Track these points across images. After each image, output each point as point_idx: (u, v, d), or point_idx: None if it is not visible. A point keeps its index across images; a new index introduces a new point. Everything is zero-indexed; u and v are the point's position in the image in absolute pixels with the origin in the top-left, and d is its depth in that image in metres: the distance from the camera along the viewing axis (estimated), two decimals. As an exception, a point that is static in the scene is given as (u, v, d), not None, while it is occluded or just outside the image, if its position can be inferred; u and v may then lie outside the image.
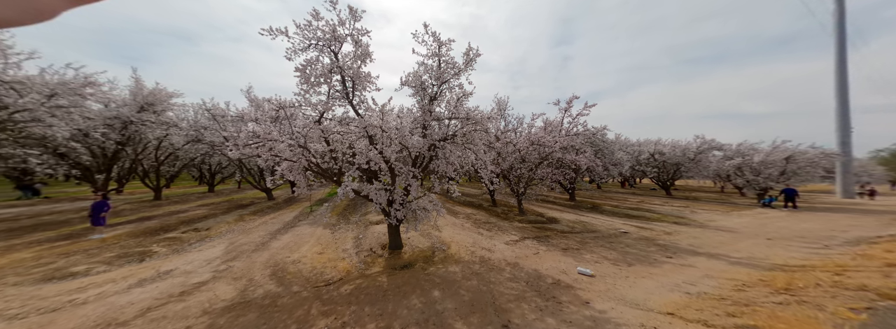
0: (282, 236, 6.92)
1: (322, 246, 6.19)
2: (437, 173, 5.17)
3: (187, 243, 6.26)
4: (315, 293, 3.75)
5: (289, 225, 8.28)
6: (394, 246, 5.72)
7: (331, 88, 4.12)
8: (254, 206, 11.90)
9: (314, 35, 3.70)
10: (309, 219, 9.30)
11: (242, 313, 3.16)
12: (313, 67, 3.83)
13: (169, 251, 5.67)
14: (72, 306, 3.34)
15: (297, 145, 4.16)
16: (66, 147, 8.47)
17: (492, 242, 6.40)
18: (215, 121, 11.69)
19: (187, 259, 5.14)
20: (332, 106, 4.24)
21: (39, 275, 4.37)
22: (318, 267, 4.82)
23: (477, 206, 12.49)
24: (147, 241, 6.28)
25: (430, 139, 4.78)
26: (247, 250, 5.70)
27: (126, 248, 5.81)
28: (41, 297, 3.55)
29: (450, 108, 4.72)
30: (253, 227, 7.96)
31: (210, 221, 8.63)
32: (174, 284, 3.96)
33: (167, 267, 4.67)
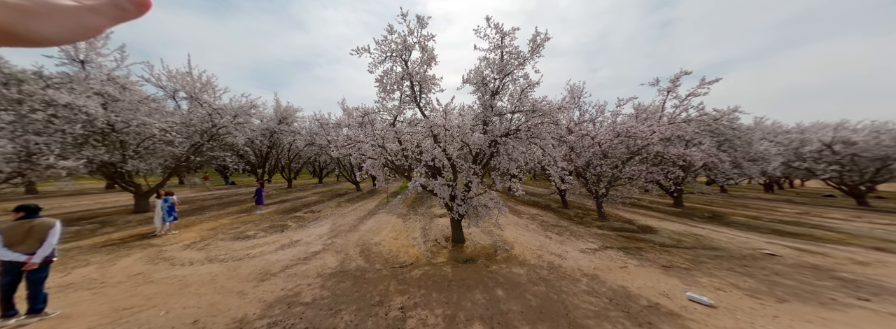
0: (367, 221, 8.27)
1: (396, 232, 7.06)
2: (499, 170, 5.02)
3: (307, 221, 8.31)
4: (392, 273, 4.33)
5: (371, 212, 9.81)
6: (456, 239, 5.95)
7: (402, 94, 4.60)
8: (348, 195, 14.65)
9: (389, 47, 4.20)
10: (385, 208, 10.75)
11: (342, 280, 3.99)
12: (388, 77, 4.36)
13: (296, 226, 7.68)
14: (248, 258, 5.01)
15: (377, 145, 4.86)
16: (243, 150, 12.63)
17: (563, 248, 5.79)
18: (322, 128, 14.99)
19: (307, 233, 6.84)
20: (403, 109, 4.73)
21: (232, 235, 6.73)
22: (394, 250, 5.53)
23: (544, 207, 11.50)
24: (284, 218, 8.68)
25: (491, 135, 4.68)
26: (343, 230, 7.11)
27: (273, 221, 8.22)
28: (231, 250, 5.48)
29: (513, 101, 4.49)
30: (347, 212, 9.84)
31: (320, 206, 11.17)
32: (300, 251, 5.36)
33: (296, 237, 6.36)
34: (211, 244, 5.77)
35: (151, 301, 3.26)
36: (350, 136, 5.19)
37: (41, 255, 2.69)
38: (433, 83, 4.55)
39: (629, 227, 7.65)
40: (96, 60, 7.22)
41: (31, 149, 5.85)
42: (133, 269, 4.31)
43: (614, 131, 7.32)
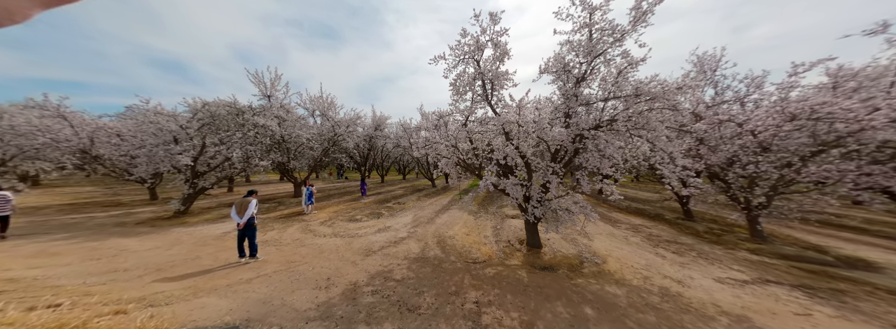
0: (441, 216, 8.85)
1: (468, 229, 7.21)
2: (586, 169, 4.26)
3: (395, 211, 9.69)
4: (466, 267, 4.45)
5: (445, 208, 10.42)
6: (532, 243, 5.49)
7: (474, 94, 4.61)
8: (425, 191, 16.16)
9: (462, 51, 4.29)
10: (457, 205, 11.17)
11: (423, 266, 4.42)
12: (461, 79, 4.47)
13: (388, 214, 9.08)
14: (357, 237, 6.31)
15: (450, 145, 5.09)
16: (352, 152, 16.03)
17: (685, 272, 4.35)
18: (405, 132, 17.18)
19: (396, 221, 7.97)
20: (474, 109, 4.74)
21: (347, 217, 8.63)
22: (467, 246, 5.67)
23: (652, 217, 9.03)
24: (379, 207, 10.44)
25: (576, 129, 4.01)
26: (423, 222, 7.87)
27: (372, 209, 10.02)
28: (347, 229, 7.02)
29: (606, 86, 3.68)
30: (425, 206, 10.84)
31: (404, 199, 12.80)
32: (390, 236, 6.30)
33: (388, 224, 7.52)
34: (335, 223, 7.61)
35: (304, 259, 4.61)
36: (428, 138, 5.66)
37: (242, 220, 4.28)
38: (505, 79, 4.31)
39: (818, 257, 4.93)
40: (275, 94, 10.87)
41: (248, 154, 9.44)
42: (294, 236, 6.22)
43: (786, 113, 4.85)
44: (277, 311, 2.82)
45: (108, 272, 3.77)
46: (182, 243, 5.37)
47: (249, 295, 3.16)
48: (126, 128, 9.20)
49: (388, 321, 2.73)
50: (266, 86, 10.35)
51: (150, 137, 8.52)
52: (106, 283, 3.35)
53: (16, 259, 4.19)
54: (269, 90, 10.40)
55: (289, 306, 2.98)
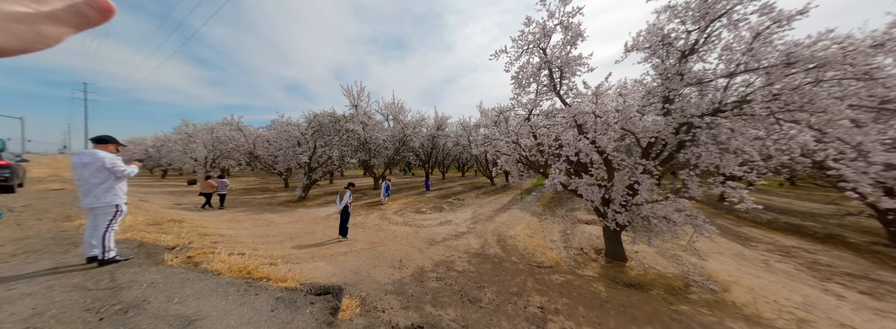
0: (501, 214, 8.62)
1: (531, 230, 6.76)
2: (697, 168, 3.30)
3: (455, 207, 10.07)
4: (528, 269, 4.22)
5: (505, 207, 10.08)
6: (612, 254, 4.69)
7: (538, 85, 4.27)
8: (484, 188, 16.05)
9: (525, 41, 4.04)
10: (519, 204, 10.59)
11: (483, 262, 4.46)
12: (524, 71, 4.22)
13: (449, 209, 9.53)
14: (423, 227, 6.91)
15: (511, 142, 4.89)
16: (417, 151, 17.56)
17: (883, 324, 2.84)
18: (464, 130, 17.50)
19: (456, 216, 8.28)
20: (539, 101, 4.38)
21: (414, 209, 9.54)
22: (530, 248, 5.34)
23: (821, 238, 6.23)
24: (441, 202, 11.05)
25: (680, 116, 3.16)
26: (482, 219, 7.89)
27: (435, 203, 10.72)
28: (414, 220, 7.77)
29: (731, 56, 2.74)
30: (484, 203, 10.79)
31: (463, 195, 13.09)
32: (451, 230, 6.60)
33: (449, 218, 7.90)
34: (405, 213, 8.55)
35: (382, 241, 5.41)
36: (487, 135, 5.61)
37: (340, 206, 5.32)
38: (578, 64, 3.78)
39: None
40: (360, 104, 13.03)
41: (342, 153, 11.70)
42: (375, 222, 7.35)
43: None
44: (364, 281, 3.43)
45: (264, 236, 5.44)
46: (303, 221, 7.16)
47: (345, 265, 3.96)
48: (271, 136, 12.93)
49: (451, 307, 2.90)
50: (353, 97, 12.48)
51: (285, 142, 11.66)
52: (264, 243, 4.86)
53: (220, 222, 6.56)
54: (356, 100, 12.51)
55: (372, 278, 3.56)
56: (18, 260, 2.64)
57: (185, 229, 4.79)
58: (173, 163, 16.86)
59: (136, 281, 2.29)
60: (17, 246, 3.07)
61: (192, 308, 1.90)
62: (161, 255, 3.02)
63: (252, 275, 2.70)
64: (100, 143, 2.60)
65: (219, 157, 15.43)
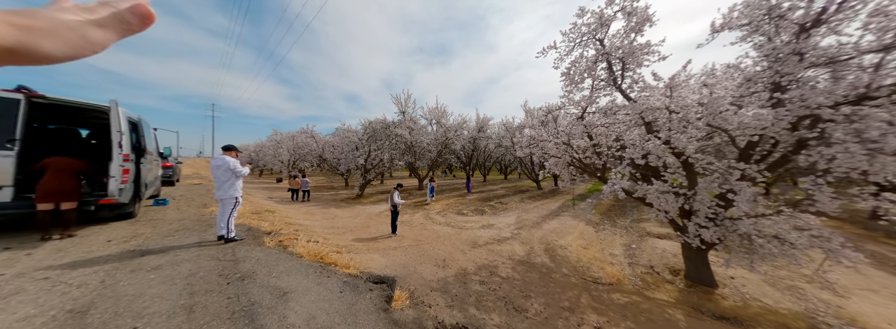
0: (550, 221, 8.02)
1: (585, 241, 6.10)
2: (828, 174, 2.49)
3: (498, 210, 9.82)
4: (583, 284, 3.83)
5: (554, 213, 9.32)
6: (695, 277, 3.88)
7: (595, 80, 3.88)
8: (529, 192, 15.18)
9: (578, 33, 3.75)
10: (570, 212, 9.65)
11: (529, 271, 4.25)
12: (577, 66, 3.90)
13: (491, 212, 9.36)
14: (465, 229, 6.98)
15: (562, 143, 4.54)
16: (459, 153, 17.81)
17: None
18: (507, 131, 16.97)
19: (499, 220, 8.08)
20: (595, 98, 3.97)
21: (455, 211, 9.69)
22: (584, 260, 4.84)
23: None
24: (483, 205, 10.93)
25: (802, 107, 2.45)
26: (527, 225, 7.49)
27: (476, 206, 10.66)
28: (456, 221, 7.89)
29: (887, 24, 2.01)
30: (530, 208, 10.21)
31: (506, 199, 12.65)
32: (494, 234, 6.48)
33: (491, 222, 7.77)
34: (447, 214, 8.79)
35: (427, 240, 5.70)
36: (533, 136, 5.34)
37: (390, 205, 5.79)
38: (646, 53, 3.30)
39: None
40: (407, 110, 14.05)
41: (392, 156, 12.76)
42: (419, 221, 7.77)
43: None
44: (411, 276, 3.67)
45: (331, 227, 6.33)
46: (360, 216, 8.05)
47: (395, 259, 4.31)
48: (336, 141, 14.98)
49: (495, 313, 2.86)
50: (401, 104, 13.50)
51: (346, 146, 13.36)
52: (331, 233, 5.66)
53: (299, 214, 7.88)
54: (403, 107, 13.50)
55: (418, 274, 3.78)
56: (180, 234, 3.74)
57: (276, 218, 5.94)
58: (267, 164, 21.07)
59: (248, 257, 2.98)
60: (179, 224, 4.34)
61: (285, 282, 2.38)
62: (261, 237, 3.83)
63: (324, 260, 3.20)
64: (226, 150, 3.51)
65: (298, 160, 18.60)
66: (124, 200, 3.81)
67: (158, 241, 3.38)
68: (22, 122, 3.16)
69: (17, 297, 1.98)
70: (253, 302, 2.03)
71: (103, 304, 1.94)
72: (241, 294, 2.15)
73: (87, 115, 4.94)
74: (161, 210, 5.57)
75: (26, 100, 3.21)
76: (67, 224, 3.31)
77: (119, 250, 3.04)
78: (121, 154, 3.56)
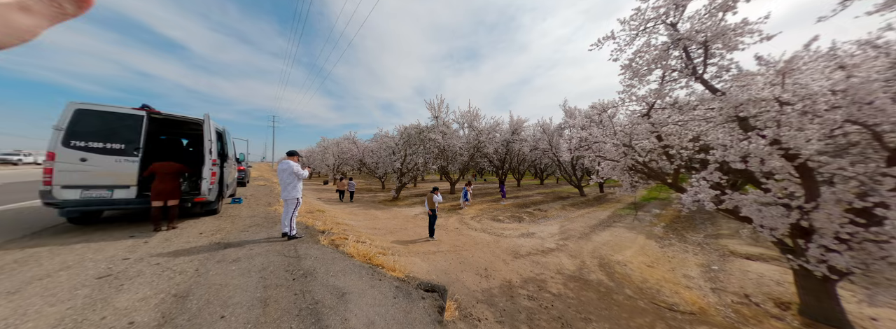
0: (600, 233, 7.16)
1: (649, 258, 5.25)
2: None
3: (537, 218, 9.17)
4: (655, 310, 3.23)
5: (604, 223, 8.33)
6: (818, 315, 2.99)
7: (666, 71, 3.33)
8: (570, 199, 13.94)
9: (642, 19, 3.28)
10: (624, 222, 8.53)
11: (583, 289, 3.77)
12: (642, 57, 3.40)
13: (529, 220, 8.78)
14: (502, 237, 6.62)
15: (621, 144, 3.99)
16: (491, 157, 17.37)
17: None
18: (544, 133, 15.99)
19: (539, 228, 7.51)
20: (666, 93, 3.40)
21: (491, 216, 9.33)
22: (651, 282, 4.13)
23: None
24: (520, 211, 10.35)
25: None
26: (574, 236, 6.79)
27: (512, 212, 10.13)
28: (493, 227, 7.54)
29: None
30: (574, 217, 9.32)
31: (545, 206, 11.79)
32: (537, 243, 6.00)
33: (531, 230, 7.25)
34: (482, 220, 8.51)
35: (464, 246, 5.53)
36: (583, 138, 4.83)
37: (427, 208, 5.76)
38: (741, 34, 2.70)
39: None
40: (440, 115, 14.29)
41: (426, 160, 12.99)
42: (454, 225, 7.65)
43: None
44: (454, 284, 3.53)
45: (373, 228, 6.58)
46: (397, 218, 8.26)
47: (435, 264, 4.23)
48: (374, 147, 15.88)
49: (552, 335, 2.54)
50: (434, 109, 13.73)
51: (383, 151, 14.03)
52: (374, 234, 5.87)
53: (344, 214, 8.41)
54: (436, 112, 13.70)
55: (461, 282, 3.63)
56: (252, 230, 4.21)
57: (326, 218, 6.40)
58: (316, 168, 23.30)
59: (308, 254, 3.19)
60: (251, 221, 4.92)
61: (342, 282, 2.45)
62: (317, 236, 4.10)
63: (372, 261, 3.26)
64: (290, 155, 3.87)
65: (341, 164, 20.20)
66: (212, 199, 4.46)
67: (236, 236, 3.85)
68: (144, 135, 3.94)
69: (139, 279, 2.38)
70: (316, 300, 2.10)
71: (198, 291, 2.22)
72: (305, 291, 2.26)
73: (186, 128, 6.05)
74: (237, 207, 6.44)
75: (147, 116, 4.00)
76: (172, 218, 3.99)
77: (208, 242, 3.53)
78: (210, 159, 4.19)
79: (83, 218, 3.95)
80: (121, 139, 3.76)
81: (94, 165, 3.58)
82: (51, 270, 2.46)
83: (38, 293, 2.08)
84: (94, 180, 3.56)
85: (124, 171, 3.77)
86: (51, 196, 3.37)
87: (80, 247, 3.12)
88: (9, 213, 4.93)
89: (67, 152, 3.44)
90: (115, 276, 2.43)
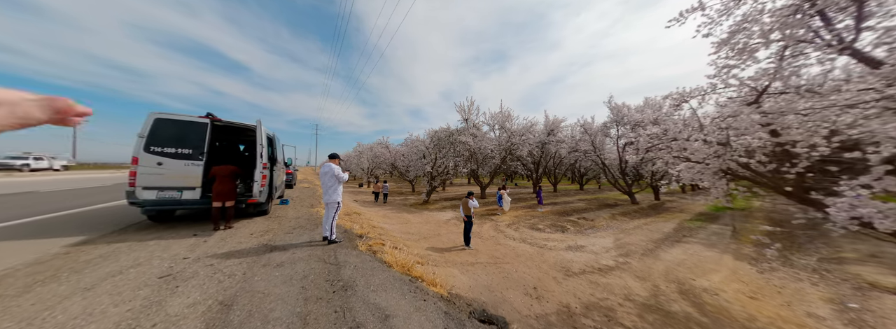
0: (669, 249, 5.95)
1: (748, 286, 4.09)
2: None
3: (583, 228, 8.11)
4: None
5: (671, 237, 6.98)
6: None
7: (788, 43, 2.48)
8: (620, 207, 12.26)
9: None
10: (697, 236, 7.05)
11: (668, 323, 2.99)
12: (749, 27, 2.61)
13: (574, 230, 7.77)
14: (546, 248, 5.85)
15: (714, 142, 3.14)
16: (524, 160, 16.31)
17: None
18: (585, 133, 14.51)
19: (589, 241, 6.53)
20: (791, 71, 2.54)
21: (528, 224, 8.52)
22: (762, 321, 3.11)
23: None
24: (561, 219, 9.31)
25: None
26: (635, 252, 5.73)
27: (552, 221, 9.14)
28: (533, 237, 6.79)
29: None
30: (629, 229, 8.02)
31: (590, 214, 10.47)
32: (589, 259, 5.14)
33: (580, 243, 6.32)
34: (519, 228, 7.79)
35: (505, 258, 4.96)
36: (654, 134, 4.00)
37: (462, 215, 5.33)
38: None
39: None
40: (470, 117, 13.91)
41: (456, 163, 12.68)
42: (490, 233, 7.10)
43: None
44: (502, 305, 3.04)
45: (406, 233, 6.40)
46: (430, 223, 8.01)
47: (476, 278, 3.78)
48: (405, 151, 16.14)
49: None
50: (465, 111, 13.39)
51: (414, 155, 14.12)
52: (408, 239, 5.66)
53: (378, 217, 8.44)
54: (466, 114, 13.35)
55: (509, 303, 3.12)
56: (296, 232, 4.28)
57: (363, 221, 6.41)
58: (352, 171, 24.73)
59: (347, 262, 3.03)
60: (295, 222, 5.07)
61: (383, 300, 2.18)
62: (354, 240, 3.99)
63: (411, 272, 2.96)
64: (331, 158, 3.84)
65: (374, 167, 21.02)
66: (262, 200, 4.68)
67: (282, 237, 3.92)
68: (208, 141, 4.30)
69: (193, 281, 2.42)
70: (358, 323, 1.84)
71: (242, 299, 2.14)
72: (346, 309, 2.03)
73: (243, 134, 6.64)
74: (284, 208, 6.84)
75: (211, 123, 4.36)
76: (229, 218, 4.25)
77: (257, 243, 3.62)
78: (261, 163, 4.40)
79: (159, 216, 4.42)
80: (189, 145, 4.13)
81: (168, 169, 3.96)
82: (124, 267, 2.65)
83: (108, 291, 2.18)
84: (167, 182, 3.94)
85: (191, 174, 4.12)
86: (134, 196, 3.79)
87: (153, 243, 3.40)
88: (102, 211, 5.76)
89: (148, 157, 3.86)
90: (174, 277, 2.51)
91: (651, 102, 12.35)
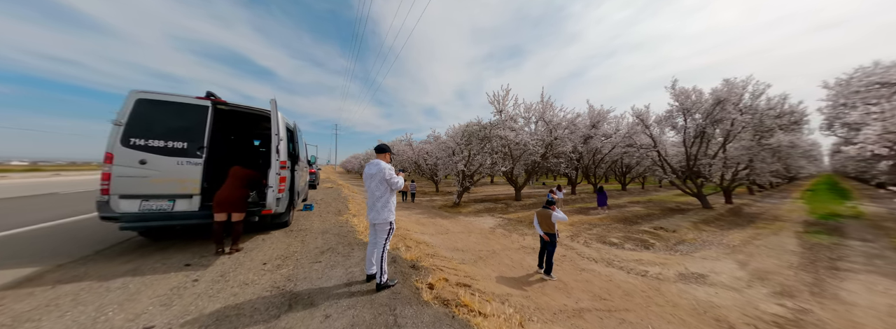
0: (841, 283, 4.03)
1: None
2: None
3: (670, 242, 6.26)
4: None
5: (815, 261, 4.99)
6: None
7: None
8: (693, 213, 10.09)
9: None
10: (847, 258, 5.04)
11: None
12: None
13: (663, 246, 5.94)
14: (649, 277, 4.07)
15: None
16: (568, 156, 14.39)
17: None
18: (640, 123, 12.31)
19: (701, 265, 4.69)
20: None
21: (594, 236, 6.83)
22: None
23: None
24: (631, 230, 7.41)
25: None
26: (793, 286, 3.89)
27: (621, 230, 7.30)
28: (617, 258, 4.97)
29: None
30: (737, 246, 6.09)
31: (660, 221, 8.46)
32: (737, 300, 3.35)
33: (691, 269, 4.46)
34: (589, 242, 6.10)
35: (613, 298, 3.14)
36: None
37: (539, 233, 3.78)
38: None
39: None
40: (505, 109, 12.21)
41: (493, 160, 11.10)
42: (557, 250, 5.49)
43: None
44: None
45: (453, 249, 4.98)
46: (472, 232, 6.57)
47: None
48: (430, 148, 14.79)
49: None
50: (498, 102, 11.69)
51: (442, 152, 12.67)
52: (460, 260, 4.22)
53: (411, 223, 7.15)
54: (501, 105, 11.63)
55: None
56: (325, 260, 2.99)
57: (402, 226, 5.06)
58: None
59: None
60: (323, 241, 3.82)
61: None
62: (409, 277, 2.60)
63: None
64: (379, 152, 2.46)
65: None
66: (281, 210, 3.45)
67: (307, 272, 2.63)
68: (209, 130, 3.10)
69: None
70: None
71: None
72: None
73: (257, 125, 5.34)
74: (308, 217, 5.69)
75: (213, 106, 3.15)
76: (236, 237, 3.05)
77: (270, 284, 2.35)
78: (278, 161, 3.14)
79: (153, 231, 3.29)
80: (183, 136, 2.95)
81: (154, 169, 2.79)
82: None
83: None
84: (153, 188, 2.79)
85: (187, 176, 2.93)
86: (108, 208, 2.65)
87: (118, 286, 2.23)
88: (86, 224, 4.18)
89: (126, 153, 2.72)
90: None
91: (733, 85, 9.96)
